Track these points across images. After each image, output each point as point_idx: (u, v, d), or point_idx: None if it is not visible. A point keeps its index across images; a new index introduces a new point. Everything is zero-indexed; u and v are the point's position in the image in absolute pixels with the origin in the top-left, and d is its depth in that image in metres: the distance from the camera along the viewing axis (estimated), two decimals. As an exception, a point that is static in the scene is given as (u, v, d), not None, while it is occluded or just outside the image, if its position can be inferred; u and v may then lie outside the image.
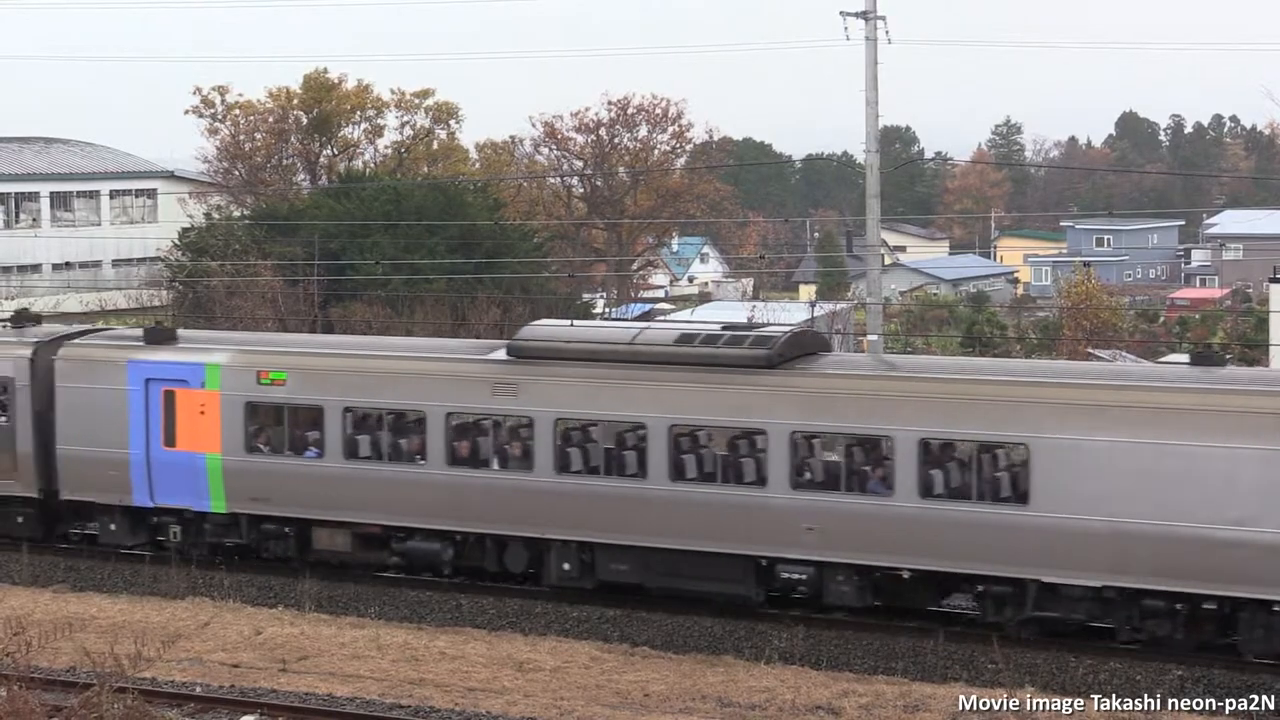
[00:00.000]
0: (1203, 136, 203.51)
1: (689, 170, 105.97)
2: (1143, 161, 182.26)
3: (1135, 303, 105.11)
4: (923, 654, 30.64)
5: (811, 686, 29.04)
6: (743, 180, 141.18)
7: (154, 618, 33.80)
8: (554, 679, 29.66)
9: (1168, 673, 29.13)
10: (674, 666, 30.53)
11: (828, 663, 30.60)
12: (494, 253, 73.06)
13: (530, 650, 31.45)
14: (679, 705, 28.20)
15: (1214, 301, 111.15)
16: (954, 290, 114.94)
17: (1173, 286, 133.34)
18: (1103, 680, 29.16)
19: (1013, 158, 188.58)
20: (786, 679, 29.56)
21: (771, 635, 31.71)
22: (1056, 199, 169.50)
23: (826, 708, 27.92)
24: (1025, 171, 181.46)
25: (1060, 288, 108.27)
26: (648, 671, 30.15)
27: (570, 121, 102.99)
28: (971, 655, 30.28)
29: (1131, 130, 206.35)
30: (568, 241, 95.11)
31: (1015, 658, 29.47)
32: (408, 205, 74.76)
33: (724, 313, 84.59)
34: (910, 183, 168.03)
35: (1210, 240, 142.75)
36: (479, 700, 28.31)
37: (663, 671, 30.15)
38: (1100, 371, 35.54)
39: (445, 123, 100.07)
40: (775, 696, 28.54)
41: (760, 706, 28.10)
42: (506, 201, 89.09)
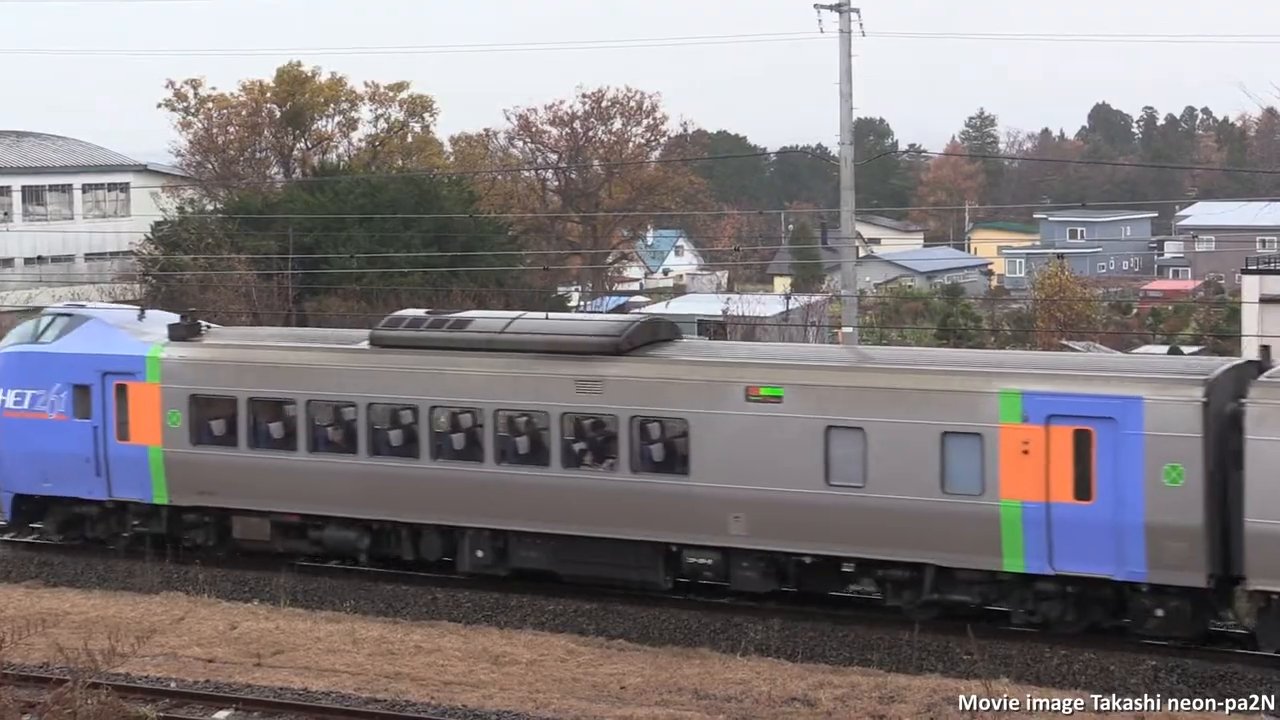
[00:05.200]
0: (1175, 129, 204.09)
1: (664, 163, 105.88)
2: (1115, 154, 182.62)
3: (1108, 295, 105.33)
4: (898, 645, 30.70)
5: (787, 678, 29.08)
6: (717, 173, 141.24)
7: (128, 613, 33.72)
8: (530, 672, 29.65)
9: (1141, 663, 29.23)
10: (650, 659, 30.55)
11: (803, 654, 30.65)
12: (469, 246, 73.01)
13: (506, 643, 31.44)
14: (655, 698, 28.21)
15: (1187, 293, 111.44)
16: (928, 283, 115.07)
17: (1146, 278, 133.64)
18: (1076, 671, 29.25)
19: (986, 150, 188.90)
20: (762, 671, 29.59)
21: (747, 627, 31.75)
22: (1030, 191, 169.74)
23: (802, 699, 27.95)
24: (999, 164, 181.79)
25: (1034, 280, 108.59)
26: (624, 664, 30.16)
27: (545, 114, 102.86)
28: (947, 646, 30.35)
29: (1104, 123, 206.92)
30: (542, 234, 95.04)
31: (990, 649, 29.53)
32: (382, 199, 74.63)
33: (698, 305, 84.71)
34: (884, 175, 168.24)
35: (1183, 232, 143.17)
36: (455, 694, 28.28)
37: (639, 664, 30.16)
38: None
39: (420, 116, 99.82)
40: (751, 688, 28.56)
41: (736, 698, 28.12)
42: (481, 194, 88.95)
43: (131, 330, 37.79)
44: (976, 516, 30.09)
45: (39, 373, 37.73)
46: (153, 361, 36.71)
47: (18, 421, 37.91)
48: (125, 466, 36.86)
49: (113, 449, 37.01)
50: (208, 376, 36.45)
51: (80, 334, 37.84)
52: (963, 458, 30.13)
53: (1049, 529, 29.61)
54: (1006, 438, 29.80)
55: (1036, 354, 35.99)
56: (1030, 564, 29.93)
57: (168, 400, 36.49)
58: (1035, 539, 29.73)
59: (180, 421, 36.40)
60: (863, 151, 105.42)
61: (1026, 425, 29.69)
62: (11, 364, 38.32)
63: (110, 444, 37.03)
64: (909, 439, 30.53)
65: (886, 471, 30.63)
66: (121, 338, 37.48)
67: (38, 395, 37.72)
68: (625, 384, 32.85)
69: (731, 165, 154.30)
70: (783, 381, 31.70)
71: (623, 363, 33.12)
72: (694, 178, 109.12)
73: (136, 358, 36.88)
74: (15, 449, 38.01)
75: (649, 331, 34.34)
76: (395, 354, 34.95)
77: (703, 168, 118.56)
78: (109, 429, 37.02)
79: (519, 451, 33.92)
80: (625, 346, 33.36)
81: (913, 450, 30.49)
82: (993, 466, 29.88)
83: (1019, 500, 29.75)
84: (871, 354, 33.24)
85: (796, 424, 31.33)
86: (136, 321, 38.48)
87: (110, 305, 42.90)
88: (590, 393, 33.03)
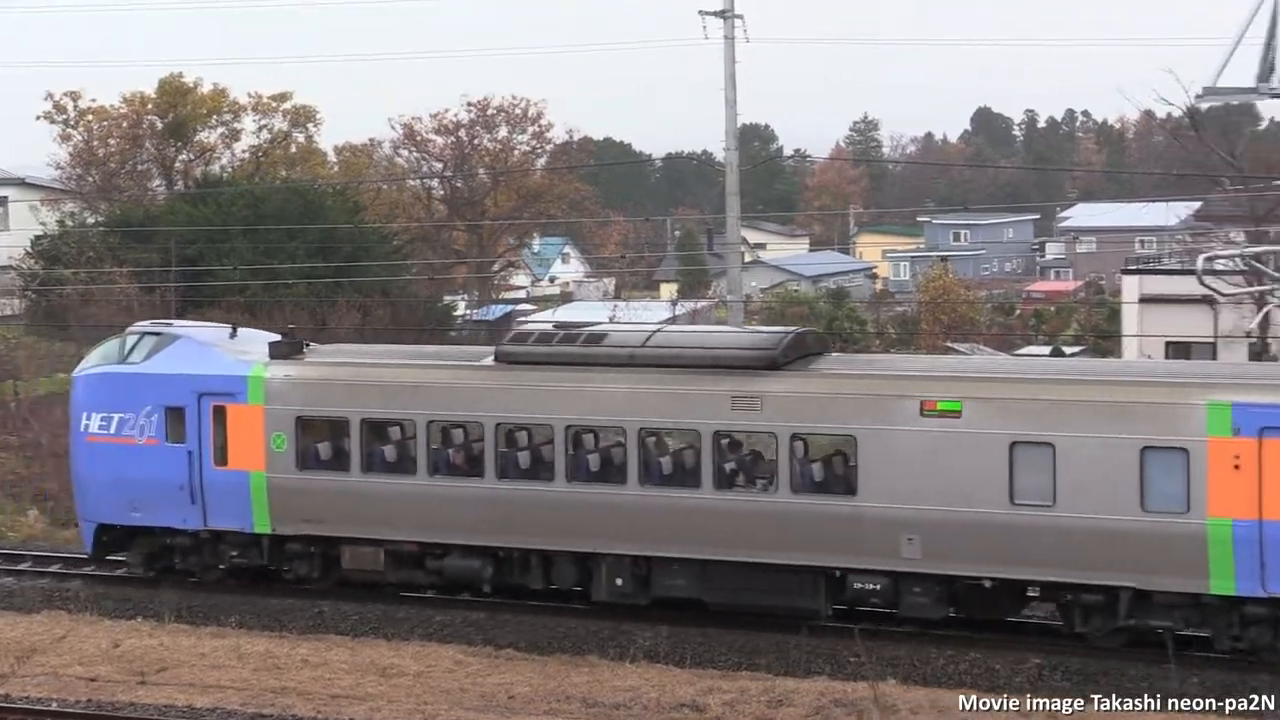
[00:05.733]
0: (1056, 132, 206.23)
1: (549, 170, 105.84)
2: (998, 156, 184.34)
3: (992, 296, 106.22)
4: (786, 649, 30.80)
5: (676, 684, 29.08)
6: (603, 180, 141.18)
7: (8, 633, 33.24)
8: (418, 684, 29.50)
9: (1025, 662, 29.51)
10: (539, 668, 30.47)
11: (692, 660, 30.65)
12: (354, 256, 72.71)
13: (394, 655, 31.27)
14: (544, 707, 28.16)
15: (1068, 294, 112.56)
16: (814, 286, 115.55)
17: (1028, 280, 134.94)
18: (962, 671, 29.46)
19: (870, 154, 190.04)
20: (651, 678, 29.57)
21: (636, 634, 31.73)
22: (914, 194, 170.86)
23: (691, 705, 27.98)
24: (883, 168, 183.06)
25: (918, 282, 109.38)
26: (512, 674, 30.07)
27: (429, 123, 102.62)
28: (834, 650, 30.47)
29: (987, 126, 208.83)
30: (428, 244, 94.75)
31: (877, 651, 29.70)
32: (266, 209, 74.18)
33: (586, 313, 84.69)
34: (770, 180, 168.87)
35: (1064, 234, 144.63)
36: (342, 707, 28.10)
37: (527, 674, 30.07)
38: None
39: (303, 126, 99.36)
40: (640, 695, 28.56)
41: (625, 705, 28.11)
42: (366, 204, 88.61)
43: (227, 349, 35.77)
44: (1181, 536, 28.51)
45: (126, 395, 35.56)
46: (255, 381, 34.73)
47: (103, 446, 35.73)
48: (223, 494, 34.83)
49: (209, 475, 34.93)
50: (317, 397, 34.58)
51: (171, 353, 35.73)
52: (1165, 474, 28.56)
53: (1262, 548, 28.03)
54: (1215, 452, 28.26)
55: (1245, 364, 34.24)
56: (1241, 586, 28.30)
57: (272, 422, 34.48)
58: (1247, 559, 28.15)
59: (286, 445, 34.45)
60: (748, 157, 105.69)
61: (1238, 439, 28.17)
62: (95, 386, 36.16)
63: (207, 470, 34.91)
64: (1105, 455, 28.93)
65: (1079, 489, 29.08)
66: (218, 356, 35.49)
67: (125, 419, 35.58)
68: (786, 400, 31.20)
69: (617, 172, 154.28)
70: (962, 395, 30.10)
71: (782, 377, 31.51)
72: (580, 185, 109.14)
73: (236, 378, 34.87)
74: (100, 476, 35.78)
75: (802, 344, 32.69)
76: (525, 371, 33.26)
77: (589, 175, 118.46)
78: (205, 454, 34.90)
79: (666, 472, 32.37)
80: (781, 360, 31.75)
81: (1109, 466, 28.89)
82: (1199, 482, 28.29)
83: (1229, 518, 28.18)
84: (1059, 365, 31.11)
85: (978, 440, 29.72)
86: (230, 340, 36.37)
87: (199, 323, 40.48)
88: (747, 409, 31.42)
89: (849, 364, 33.45)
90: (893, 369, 32.72)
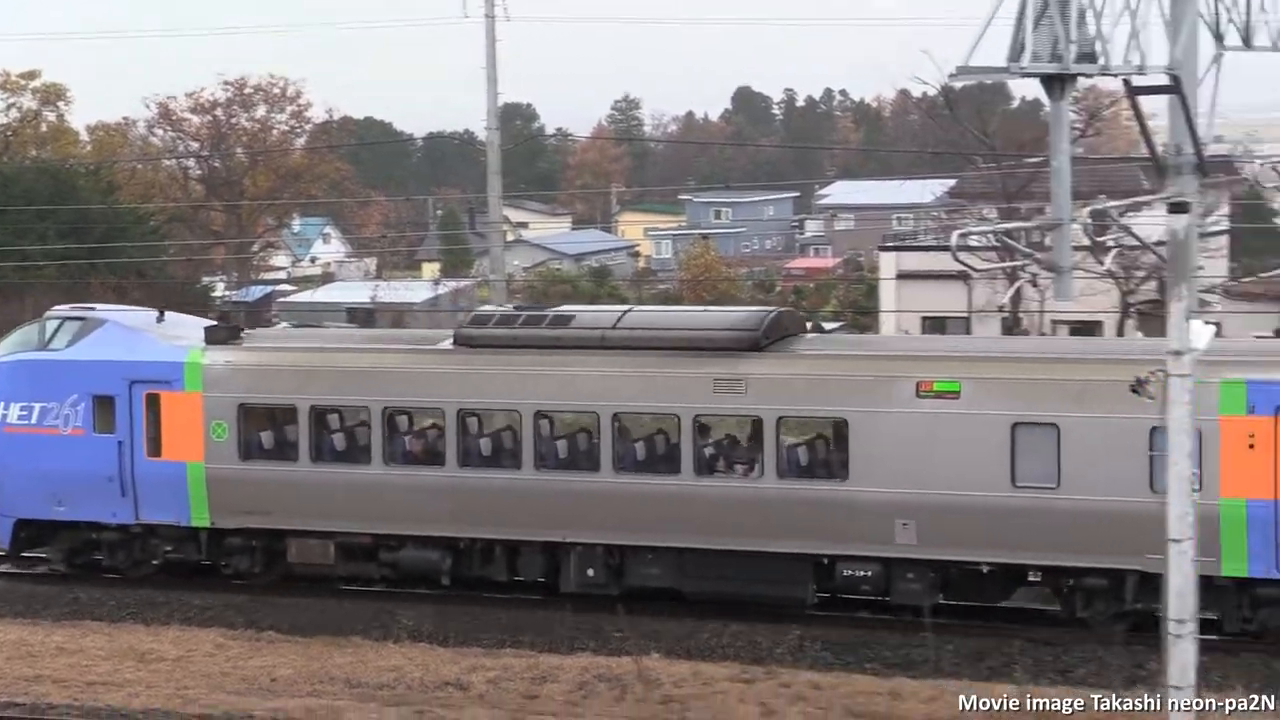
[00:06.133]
0: (814, 110, 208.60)
1: (309, 150, 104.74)
2: (757, 135, 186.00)
3: (752, 273, 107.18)
4: (550, 626, 30.90)
5: (440, 663, 29.07)
6: (364, 159, 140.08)
7: None
8: (177, 668, 29.13)
9: (787, 633, 29.92)
10: (301, 650, 30.24)
11: (456, 639, 30.64)
12: (108, 237, 71.21)
13: (152, 640, 30.83)
14: (306, 688, 27.97)
15: (827, 270, 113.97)
16: (577, 265, 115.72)
17: (788, 257, 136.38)
18: (725, 644, 29.84)
19: (632, 133, 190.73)
20: (415, 657, 29.52)
21: (399, 614, 31.63)
22: (675, 173, 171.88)
23: (455, 683, 27.98)
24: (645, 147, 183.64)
25: (680, 260, 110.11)
26: (274, 656, 29.82)
27: (185, 102, 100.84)
28: (599, 625, 30.64)
29: (746, 105, 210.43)
30: (185, 224, 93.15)
31: (641, 625, 29.91)
32: (15, 190, 72.49)
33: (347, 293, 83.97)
34: (532, 159, 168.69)
35: (822, 211, 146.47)
36: (99, 694, 27.64)
37: (289, 656, 29.85)
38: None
39: (53, 104, 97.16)
40: (404, 675, 28.49)
41: (389, 685, 28.03)
42: (121, 184, 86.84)
43: (159, 334, 34.36)
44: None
45: (49, 383, 34.05)
46: (192, 368, 33.47)
47: (23, 438, 34.21)
48: (157, 486, 33.56)
49: (142, 466, 33.64)
50: (261, 383, 33.45)
51: (98, 339, 34.20)
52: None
53: (1277, 529, 27.68)
54: (1228, 431, 27.74)
55: (1260, 341, 33.28)
56: (1254, 568, 27.90)
57: (212, 410, 33.27)
58: (1261, 540, 27.73)
59: (227, 434, 33.25)
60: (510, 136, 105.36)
61: (1253, 417, 27.70)
62: (13, 374, 34.50)
63: (139, 461, 33.61)
64: (1112, 435, 28.27)
65: (1084, 471, 28.57)
66: (150, 342, 34.08)
67: (48, 408, 34.03)
68: (772, 382, 30.46)
69: (378, 152, 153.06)
70: (960, 375, 29.25)
71: (766, 359, 30.78)
72: (340, 165, 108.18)
73: (172, 364, 33.53)
74: (20, 468, 34.26)
75: (781, 325, 31.87)
76: (488, 354, 32.30)
77: (349, 154, 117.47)
78: (138, 444, 33.62)
79: (642, 458, 31.50)
80: (764, 341, 30.97)
81: (1116, 447, 28.24)
82: (1212, 463, 27.46)
83: (1243, 498, 27.76)
84: (1062, 345, 30.18)
85: (977, 421, 28.98)
86: (158, 324, 34.93)
87: (121, 307, 38.56)
88: (730, 392, 30.63)
89: (836, 344, 33.03)
90: (886, 349, 32.21)
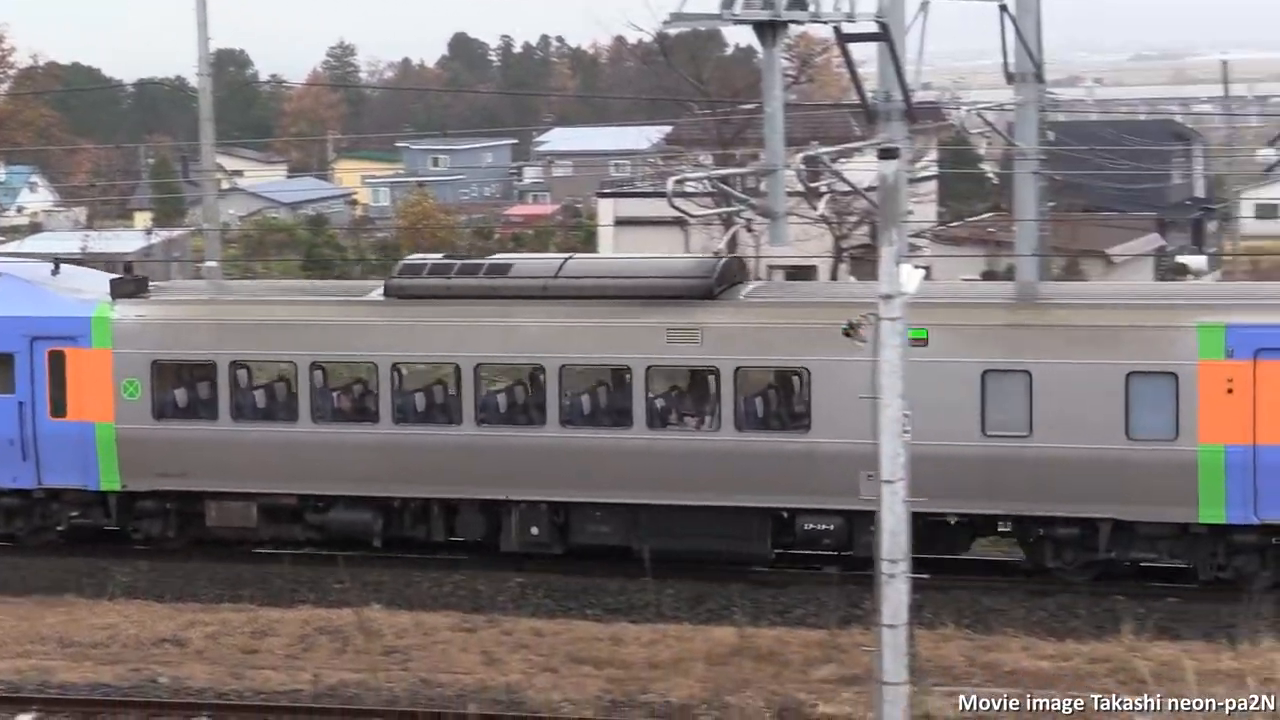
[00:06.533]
0: (531, 57, 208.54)
1: (13, 96, 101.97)
2: (475, 82, 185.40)
3: (471, 221, 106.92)
4: (269, 580, 30.71)
5: (156, 620, 28.71)
6: (72, 106, 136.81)
7: None
8: (-119, 633, 28.33)
9: (509, 580, 30.07)
10: (12, 610, 29.64)
11: (173, 595, 30.29)
12: None
13: None
14: (16, 650, 27.45)
15: (546, 217, 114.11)
16: (293, 214, 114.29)
17: (506, 204, 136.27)
18: (447, 593, 29.93)
19: (348, 80, 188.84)
20: (130, 614, 29.11)
21: (115, 571, 31.17)
22: (392, 120, 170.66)
23: (172, 640, 27.69)
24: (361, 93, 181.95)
25: (397, 208, 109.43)
26: (-17, 618, 29.19)
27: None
28: (319, 577, 30.55)
29: (464, 51, 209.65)
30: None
31: (361, 576, 29.85)
32: None
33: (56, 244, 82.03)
34: (246, 107, 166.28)
35: (541, 158, 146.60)
36: None
37: (0, 616, 29.19)
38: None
39: None
40: (119, 633, 28.10)
41: (103, 644, 27.64)
42: None
43: (59, 287, 32.23)
44: (1169, 464, 27.42)
45: None
46: (100, 323, 31.56)
47: None
48: (62, 448, 31.58)
49: (45, 428, 31.67)
50: (177, 339, 31.68)
51: None
52: (1153, 400, 27.33)
53: (1255, 474, 27.21)
54: (1206, 376, 27.20)
55: (1233, 284, 32.25)
56: (1232, 514, 27.44)
57: (122, 368, 31.41)
58: (1239, 486, 27.29)
59: (140, 393, 31.44)
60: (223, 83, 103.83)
61: (1231, 361, 27.15)
62: None
63: (41, 422, 31.63)
64: (1087, 382, 27.67)
65: (1058, 419, 27.85)
66: (50, 296, 31.93)
67: None
68: (728, 330, 29.37)
69: (87, 98, 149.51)
70: (928, 322, 27.58)
71: (721, 307, 29.69)
72: (46, 111, 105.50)
73: (77, 319, 31.56)
74: None
75: (729, 272, 30.59)
76: (421, 305, 30.82)
77: (56, 101, 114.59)
78: (40, 404, 31.64)
79: (590, 412, 30.34)
80: (716, 289, 29.86)
81: (1091, 394, 27.63)
82: (1190, 408, 27.22)
83: (1221, 444, 27.25)
84: (1037, 290, 29.92)
85: (946, 369, 27.83)
86: (55, 277, 32.81)
87: (11, 257, 35.55)
88: (685, 342, 29.48)
89: (791, 291, 32.06)
90: (849, 295, 30.67)
